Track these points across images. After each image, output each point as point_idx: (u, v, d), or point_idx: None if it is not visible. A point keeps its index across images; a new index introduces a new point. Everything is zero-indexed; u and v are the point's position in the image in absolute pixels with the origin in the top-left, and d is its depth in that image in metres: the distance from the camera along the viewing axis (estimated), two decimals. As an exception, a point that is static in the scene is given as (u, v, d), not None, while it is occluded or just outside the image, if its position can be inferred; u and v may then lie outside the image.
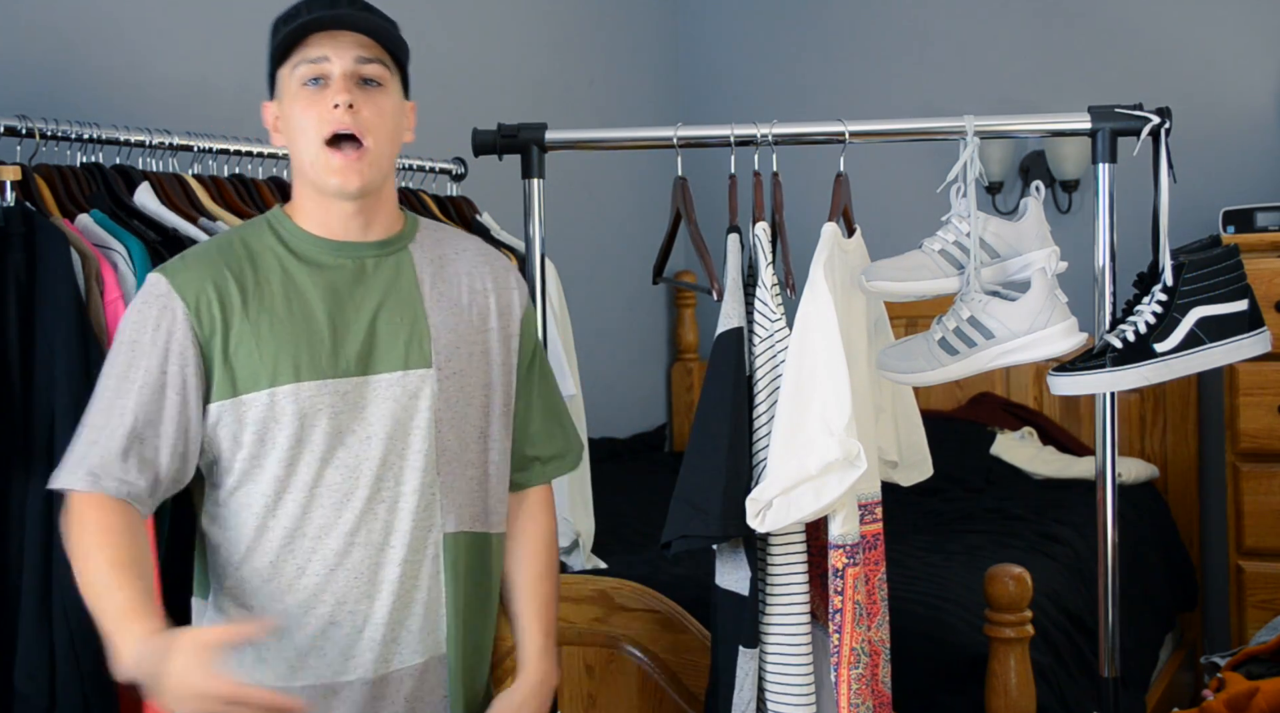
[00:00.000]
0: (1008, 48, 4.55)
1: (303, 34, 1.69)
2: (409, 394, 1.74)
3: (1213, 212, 4.01)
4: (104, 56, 2.66)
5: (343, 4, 1.71)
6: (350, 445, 1.71)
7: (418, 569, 1.75)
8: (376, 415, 1.72)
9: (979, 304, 2.03)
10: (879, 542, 2.14)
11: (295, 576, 1.71)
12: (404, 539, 1.74)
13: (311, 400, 1.68)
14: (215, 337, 1.68)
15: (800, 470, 1.96)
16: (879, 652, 2.14)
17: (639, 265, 4.67)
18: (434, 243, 1.84)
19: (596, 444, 3.71)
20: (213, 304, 1.68)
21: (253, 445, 1.69)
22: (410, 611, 1.75)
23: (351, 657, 1.73)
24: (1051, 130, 2.23)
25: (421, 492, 1.74)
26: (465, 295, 1.82)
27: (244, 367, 1.68)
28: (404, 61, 1.78)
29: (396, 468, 1.73)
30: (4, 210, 2.03)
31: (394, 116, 1.75)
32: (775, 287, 2.09)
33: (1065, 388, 2.05)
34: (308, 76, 1.70)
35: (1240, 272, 2.07)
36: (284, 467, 1.69)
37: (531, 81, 4.07)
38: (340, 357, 1.71)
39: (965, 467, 4.02)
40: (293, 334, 1.69)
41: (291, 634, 1.71)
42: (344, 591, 1.72)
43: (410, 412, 1.74)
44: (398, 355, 1.74)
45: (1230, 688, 2.42)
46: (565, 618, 2.51)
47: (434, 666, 1.78)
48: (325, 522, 1.71)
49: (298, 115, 1.71)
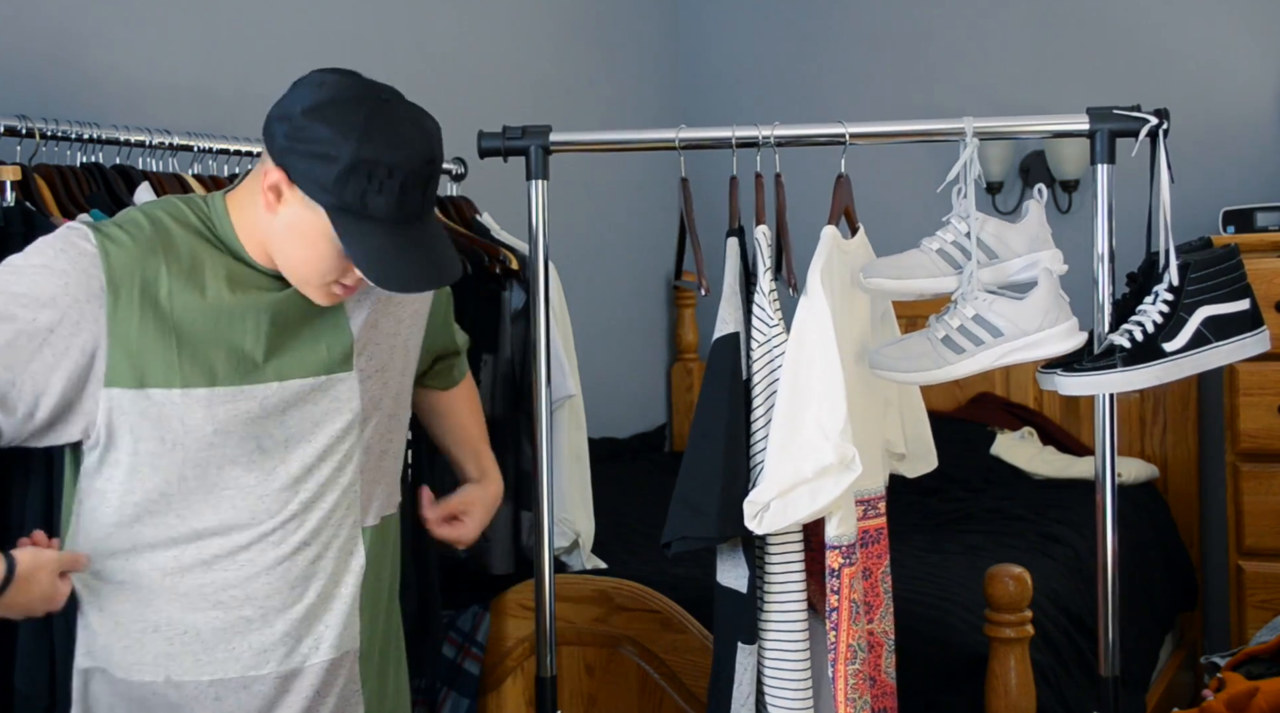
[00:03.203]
0: (1008, 48, 4.55)
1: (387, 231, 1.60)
2: (330, 398, 1.72)
3: (1213, 212, 4.01)
4: (104, 56, 2.66)
5: (423, 196, 1.62)
6: (269, 450, 1.68)
7: (341, 566, 1.75)
8: (296, 420, 1.70)
9: (984, 303, 2.04)
10: (882, 535, 2.15)
11: (202, 569, 1.68)
12: (326, 539, 1.73)
13: (226, 406, 1.65)
14: (129, 317, 1.61)
15: (796, 474, 1.97)
16: (882, 643, 2.15)
17: (639, 266, 4.69)
18: None
19: (596, 444, 3.70)
20: (135, 285, 1.62)
21: (155, 439, 1.64)
22: (329, 607, 1.75)
23: (264, 652, 1.71)
24: (1050, 132, 2.23)
25: (345, 491, 1.74)
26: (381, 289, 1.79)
27: (155, 360, 1.62)
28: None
29: (316, 471, 1.72)
30: (4, 210, 2.03)
31: None
32: (773, 292, 2.11)
33: (1076, 388, 2.05)
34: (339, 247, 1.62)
35: (1241, 271, 2.08)
36: (191, 467, 1.65)
37: (532, 82, 4.07)
38: (259, 362, 1.67)
39: (965, 467, 4.02)
40: (213, 336, 1.65)
41: (195, 626, 1.69)
42: (263, 592, 1.70)
43: (332, 415, 1.72)
44: (319, 360, 1.72)
45: (1230, 688, 2.42)
46: (565, 618, 2.51)
47: (347, 660, 1.78)
48: (238, 520, 1.68)
49: (318, 255, 1.63)
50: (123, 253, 1.63)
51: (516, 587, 2.63)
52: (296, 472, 1.70)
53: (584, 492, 2.99)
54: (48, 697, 1.96)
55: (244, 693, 1.71)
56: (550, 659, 2.26)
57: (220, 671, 1.70)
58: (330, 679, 1.76)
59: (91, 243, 1.62)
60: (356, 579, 1.77)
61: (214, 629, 1.69)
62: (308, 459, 1.71)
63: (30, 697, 1.97)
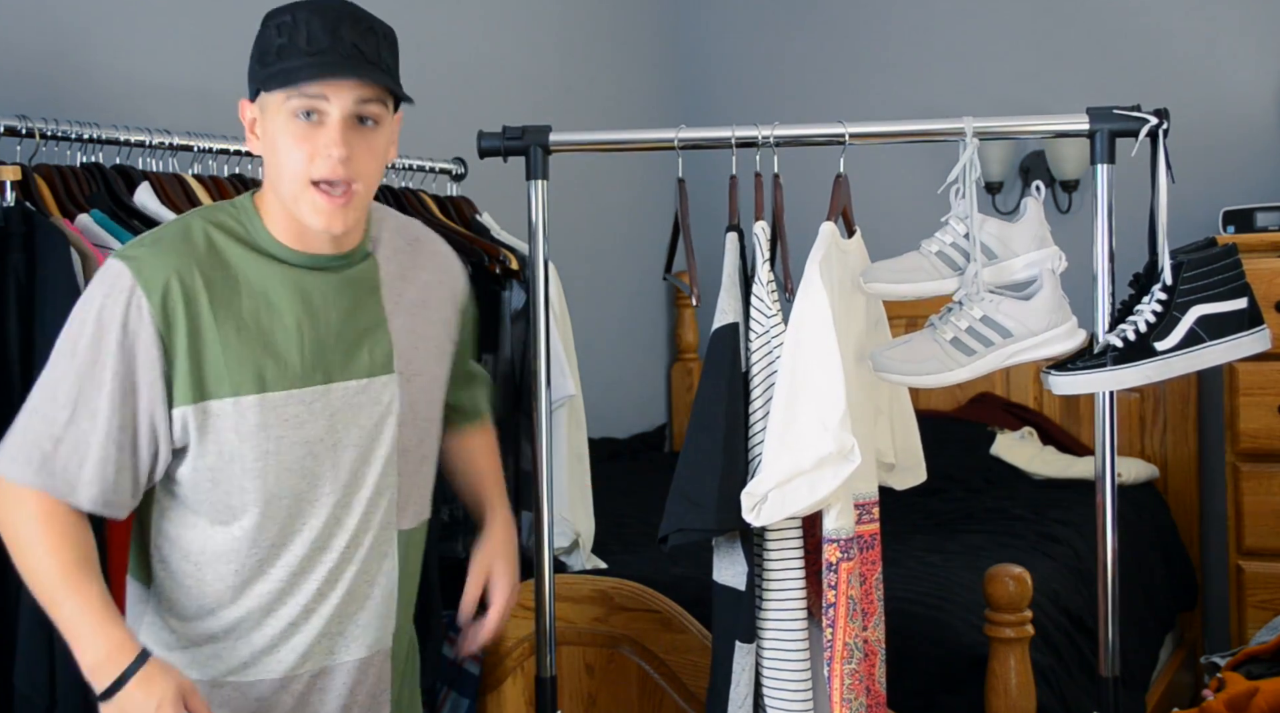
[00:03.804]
0: (1008, 48, 4.55)
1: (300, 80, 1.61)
2: (374, 401, 1.73)
3: (1213, 212, 4.01)
4: (104, 56, 2.67)
5: (345, 41, 1.63)
6: (318, 454, 1.69)
7: (375, 569, 1.76)
8: (343, 424, 1.71)
9: (991, 304, 2.04)
10: (876, 542, 2.14)
11: (258, 581, 1.70)
12: (366, 542, 1.75)
13: (277, 411, 1.66)
14: (179, 336, 1.62)
15: (795, 465, 1.96)
16: (875, 651, 2.15)
17: (639, 265, 4.69)
18: (394, 245, 1.82)
19: (596, 444, 3.70)
20: (179, 302, 1.62)
21: (214, 454, 1.65)
22: (363, 606, 1.76)
23: (302, 652, 1.74)
24: (1050, 132, 2.23)
25: (385, 494, 1.75)
26: (423, 293, 1.82)
27: (210, 371, 1.63)
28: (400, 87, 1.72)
29: (361, 474, 1.73)
30: (4, 210, 2.03)
31: (384, 152, 1.71)
32: (772, 283, 2.10)
33: (1067, 387, 2.06)
34: (300, 109, 1.63)
35: (1239, 270, 2.07)
36: (250, 478, 1.66)
37: (531, 82, 4.07)
38: (305, 366, 1.68)
39: (965, 467, 4.02)
40: (259, 341, 1.66)
41: (249, 637, 1.72)
42: (305, 595, 1.72)
43: (375, 418, 1.73)
44: (362, 363, 1.72)
45: (1230, 688, 2.42)
46: (565, 618, 2.51)
47: (378, 658, 1.80)
48: (290, 529, 1.70)
49: (286, 147, 1.64)
50: (155, 265, 1.63)
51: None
52: (345, 478, 1.71)
53: (584, 492, 2.99)
54: (48, 697, 1.96)
55: (282, 693, 1.74)
56: (550, 659, 2.26)
57: (263, 672, 1.73)
58: (360, 678, 1.78)
59: (126, 271, 1.63)
60: (390, 580, 1.78)
61: (266, 636, 1.72)
62: (354, 463, 1.72)
63: (30, 697, 1.97)
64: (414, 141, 3.15)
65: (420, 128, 3.23)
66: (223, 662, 1.73)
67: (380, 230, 1.82)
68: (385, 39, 1.71)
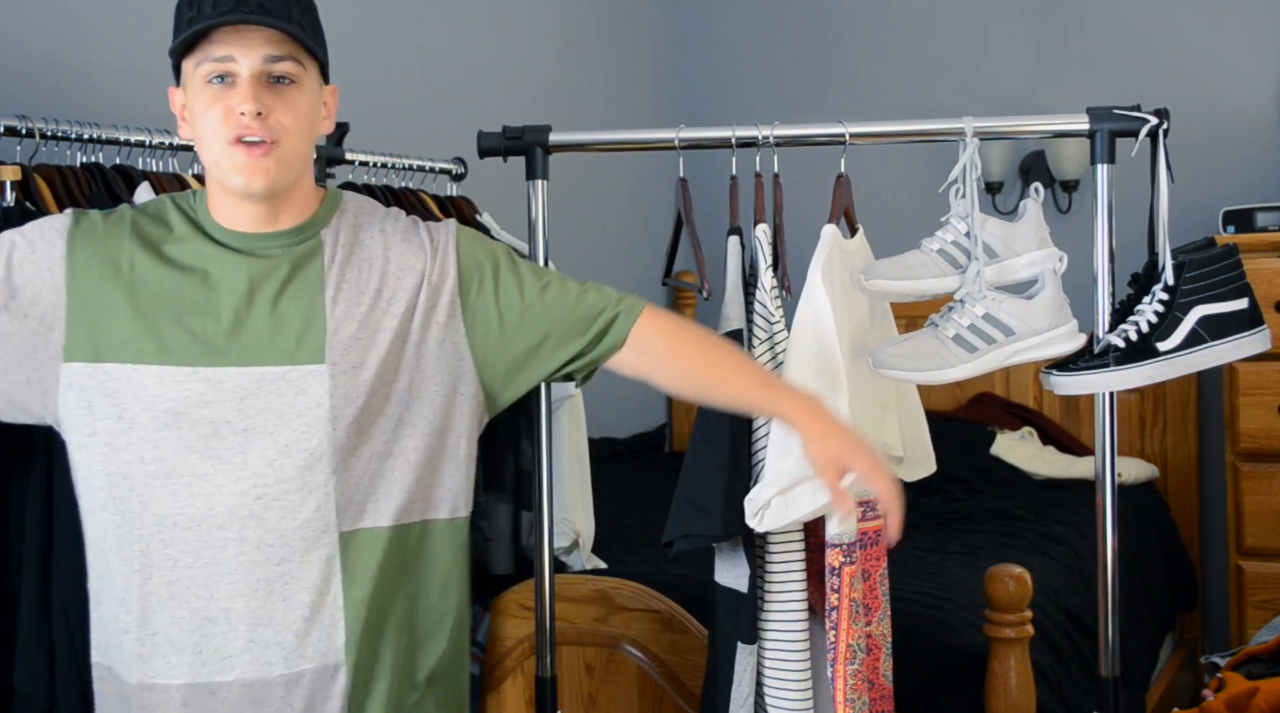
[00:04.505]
0: (1008, 48, 4.55)
1: (204, 34, 1.60)
2: (295, 389, 1.64)
3: (1213, 212, 4.01)
4: (104, 56, 2.66)
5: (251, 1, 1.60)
6: (224, 436, 1.62)
7: (305, 571, 1.65)
8: (256, 409, 1.63)
9: (994, 302, 2.04)
10: (880, 538, 2.14)
11: (168, 566, 1.63)
12: (286, 539, 1.64)
13: (179, 387, 1.61)
14: (88, 294, 1.62)
15: (798, 470, 1.96)
16: (879, 646, 2.15)
17: (639, 265, 4.68)
18: (351, 227, 1.74)
19: (596, 444, 3.70)
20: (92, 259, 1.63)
21: (110, 420, 1.62)
22: (294, 614, 1.65)
23: (228, 657, 1.64)
24: (1050, 132, 2.23)
25: (310, 490, 1.65)
26: (377, 281, 1.71)
27: (113, 334, 1.62)
28: (321, 50, 1.69)
29: (278, 465, 1.64)
30: (4, 210, 2.03)
31: (308, 114, 1.66)
32: (774, 289, 2.10)
33: (1069, 388, 2.06)
34: (212, 74, 1.62)
35: (1240, 270, 2.08)
36: (149, 449, 1.62)
37: (531, 82, 4.07)
38: (221, 346, 1.63)
39: (965, 467, 4.02)
40: (173, 313, 1.63)
41: (164, 627, 1.64)
42: (225, 588, 1.63)
43: (296, 407, 1.64)
44: (286, 349, 1.65)
45: (1230, 688, 2.42)
46: (565, 618, 2.51)
47: (323, 673, 1.67)
48: (197, 513, 1.63)
49: (202, 112, 1.62)
50: (90, 227, 1.66)
51: (516, 587, 2.62)
52: (257, 466, 1.63)
53: (584, 492, 2.99)
54: (48, 697, 1.96)
55: (211, 699, 1.64)
56: (550, 659, 2.26)
57: (186, 675, 1.64)
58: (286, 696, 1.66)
59: (68, 221, 1.67)
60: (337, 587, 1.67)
61: (181, 632, 1.64)
62: (269, 453, 1.64)
63: (30, 697, 1.96)
64: (414, 141, 3.15)
65: (420, 128, 3.22)
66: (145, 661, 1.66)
67: (341, 216, 1.75)
68: (298, 2, 1.67)
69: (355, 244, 1.73)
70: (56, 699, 1.96)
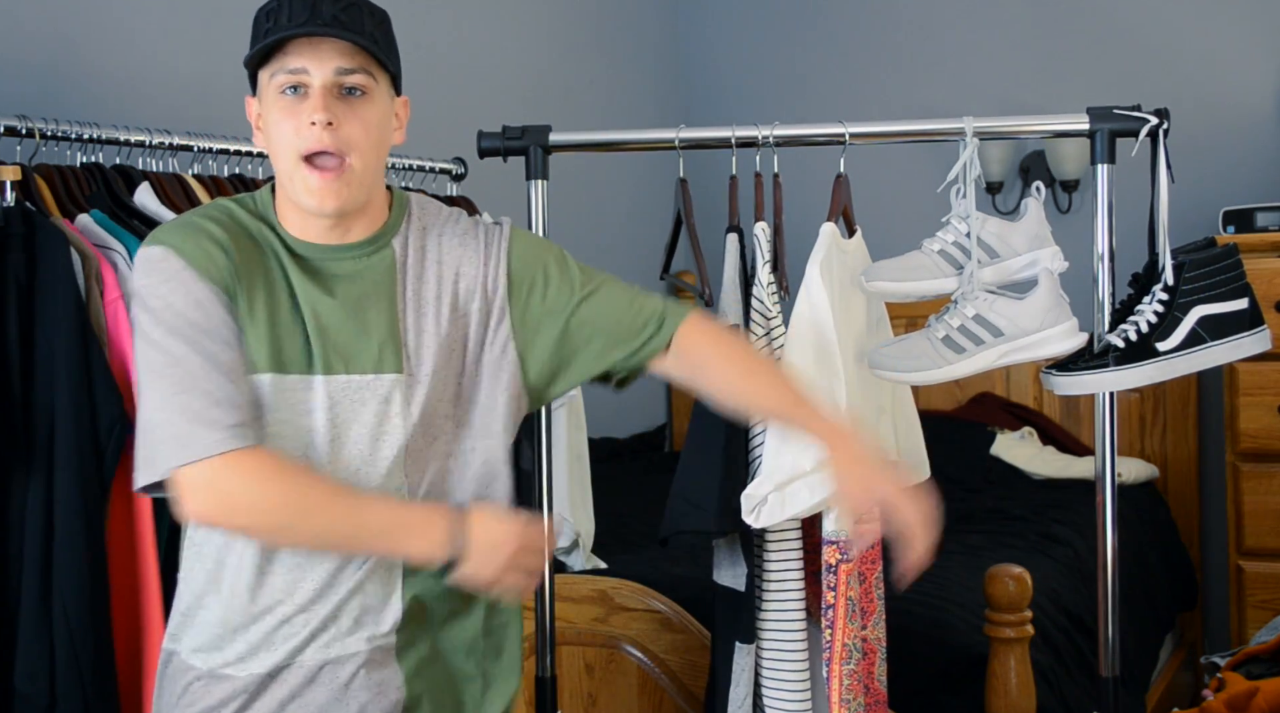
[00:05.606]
0: (1008, 48, 4.55)
1: (279, 44, 1.63)
2: (380, 398, 1.69)
3: (1213, 212, 4.01)
4: (104, 56, 2.67)
5: (325, 14, 1.63)
6: (318, 445, 1.67)
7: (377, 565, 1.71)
8: (343, 419, 1.68)
9: (985, 303, 2.04)
10: (875, 540, 2.14)
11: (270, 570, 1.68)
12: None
13: (284, 394, 1.65)
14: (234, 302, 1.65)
15: (794, 467, 1.96)
16: (875, 650, 2.15)
17: (639, 265, 4.68)
18: (419, 232, 1.78)
19: (596, 444, 3.70)
20: (224, 271, 1.63)
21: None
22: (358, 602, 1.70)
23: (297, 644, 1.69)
24: (1050, 131, 2.23)
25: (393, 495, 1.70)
26: (446, 287, 1.76)
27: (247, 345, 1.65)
28: (393, 62, 1.72)
29: (363, 473, 1.69)
30: (4, 210, 2.03)
31: (379, 126, 1.69)
32: (772, 285, 2.10)
33: (1068, 388, 2.06)
34: (285, 85, 1.64)
35: (1240, 270, 2.08)
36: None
37: (531, 82, 4.07)
38: (311, 354, 1.67)
39: (965, 467, 4.02)
40: (272, 322, 1.65)
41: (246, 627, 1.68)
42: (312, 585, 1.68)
43: (380, 417, 1.69)
44: (370, 358, 1.69)
45: (1230, 688, 2.43)
46: (565, 618, 2.51)
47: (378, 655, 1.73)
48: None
49: (275, 124, 1.65)
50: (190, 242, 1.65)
51: (516, 587, 2.62)
52: (344, 475, 1.68)
53: (584, 492, 2.99)
54: (48, 697, 1.96)
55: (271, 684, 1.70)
56: (550, 659, 2.26)
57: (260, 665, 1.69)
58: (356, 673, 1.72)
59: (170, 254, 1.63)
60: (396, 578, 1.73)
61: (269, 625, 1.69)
62: (354, 463, 1.69)
63: (30, 697, 1.97)
64: (414, 142, 3.14)
65: (420, 128, 3.21)
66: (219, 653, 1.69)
67: (409, 221, 1.78)
68: (371, 15, 1.70)
69: (423, 250, 1.77)
70: (56, 699, 1.96)
